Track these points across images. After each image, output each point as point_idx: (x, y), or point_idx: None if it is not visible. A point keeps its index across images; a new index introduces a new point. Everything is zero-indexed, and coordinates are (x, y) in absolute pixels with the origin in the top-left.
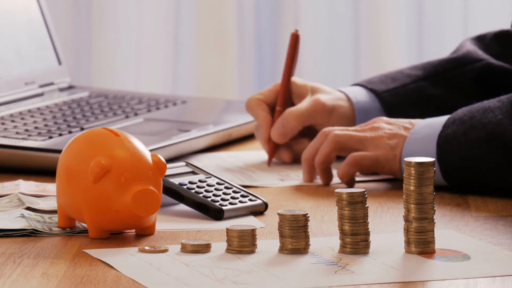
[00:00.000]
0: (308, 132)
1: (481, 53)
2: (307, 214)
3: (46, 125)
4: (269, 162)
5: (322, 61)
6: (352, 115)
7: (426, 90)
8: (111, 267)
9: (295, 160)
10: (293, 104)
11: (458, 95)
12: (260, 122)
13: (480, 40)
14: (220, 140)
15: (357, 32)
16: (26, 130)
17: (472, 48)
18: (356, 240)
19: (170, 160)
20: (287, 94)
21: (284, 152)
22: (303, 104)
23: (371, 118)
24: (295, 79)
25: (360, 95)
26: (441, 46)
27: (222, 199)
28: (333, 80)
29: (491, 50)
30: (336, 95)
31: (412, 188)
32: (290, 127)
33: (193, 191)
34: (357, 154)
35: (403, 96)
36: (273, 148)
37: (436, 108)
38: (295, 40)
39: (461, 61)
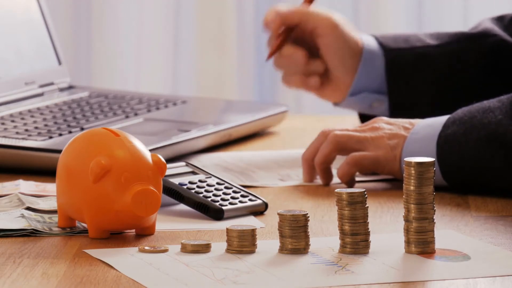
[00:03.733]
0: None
1: (497, 30)
2: (307, 214)
3: (46, 125)
4: (270, 55)
5: None
6: (359, 52)
7: (433, 57)
8: (111, 267)
9: (295, 160)
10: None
11: (465, 67)
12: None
13: (500, 20)
14: (220, 140)
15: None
16: (26, 130)
17: (490, 26)
18: (356, 240)
19: (170, 160)
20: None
21: (297, 52)
22: (314, 8)
23: (375, 67)
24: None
25: (371, 43)
26: None
27: (222, 199)
28: None
29: (509, 31)
30: (351, 26)
31: (412, 188)
32: (288, 12)
33: (193, 191)
34: (357, 154)
35: (408, 57)
36: (280, 43)
37: (438, 76)
38: None
39: (475, 35)
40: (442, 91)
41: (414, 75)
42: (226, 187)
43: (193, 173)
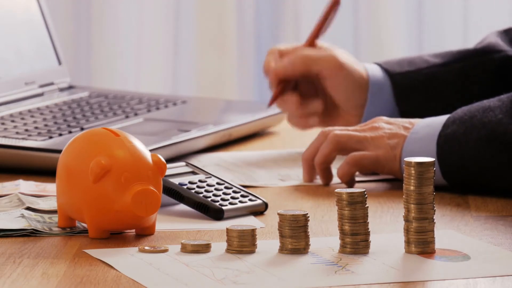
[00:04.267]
0: (316, 91)
1: (502, 45)
2: (307, 214)
3: (46, 125)
4: (270, 103)
5: None
6: (365, 84)
7: (440, 77)
8: (111, 267)
9: (295, 160)
10: None
11: (473, 85)
12: (268, 57)
13: (507, 33)
14: (220, 140)
15: (357, 32)
16: (26, 130)
17: (495, 40)
18: (356, 240)
19: (170, 160)
20: None
21: (290, 98)
22: (315, 50)
23: (382, 95)
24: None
25: (376, 71)
26: (441, 43)
27: (222, 199)
28: None
29: None
30: (353, 59)
31: (412, 188)
32: (293, 63)
33: (193, 191)
34: (357, 153)
35: (415, 80)
36: (280, 91)
37: (447, 96)
38: (333, 6)
39: (480, 52)
40: (451, 110)
41: (422, 97)
42: (226, 187)
43: (193, 173)
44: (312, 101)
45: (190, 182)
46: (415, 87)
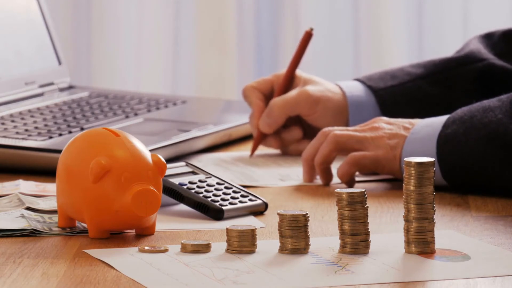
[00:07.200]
0: (300, 121)
1: (484, 53)
2: (307, 214)
3: (46, 125)
4: (252, 153)
5: (322, 60)
6: (345, 107)
7: (424, 89)
8: (111, 267)
9: (295, 160)
10: None
11: (457, 95)
12: (253, 109)
13: (488, 38)
14: (220, 140)
15: (357, 31)
16: (26, 130)
17: (476, 47)
18: (356, 240)
19: (170, 160)
20: (287, 88)
21: (272, 140)
22: (289, 94)
23: (365, 113)
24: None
25: (357, 89)
26: (441, 43)
27: (222, 199)
28: (333, 79)
29: (498, 49)
30: (327, 87)
31: (412, 188)
32: (275, 117)
33: (193, 191)
34: (357, 153)
35: (399, 94)
36: (259, 139)
37: (432, 107)
38: (307, 38)
39: (462, 61)
40: None
41: (408, 110)
42: (226, 187)
43: (193, 173)
44: (291, 130)
45: (190, 182)
46: (399, 101)
